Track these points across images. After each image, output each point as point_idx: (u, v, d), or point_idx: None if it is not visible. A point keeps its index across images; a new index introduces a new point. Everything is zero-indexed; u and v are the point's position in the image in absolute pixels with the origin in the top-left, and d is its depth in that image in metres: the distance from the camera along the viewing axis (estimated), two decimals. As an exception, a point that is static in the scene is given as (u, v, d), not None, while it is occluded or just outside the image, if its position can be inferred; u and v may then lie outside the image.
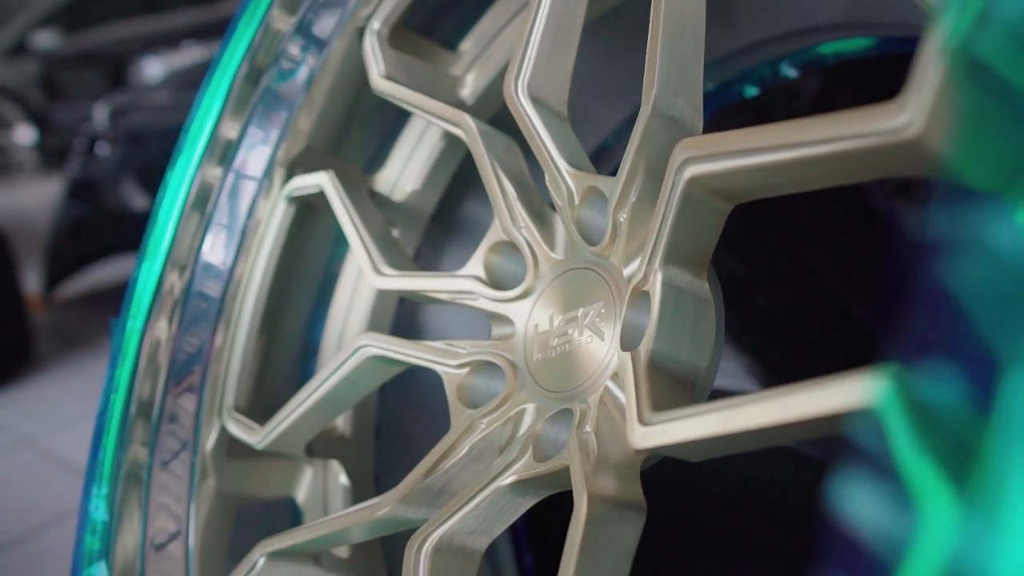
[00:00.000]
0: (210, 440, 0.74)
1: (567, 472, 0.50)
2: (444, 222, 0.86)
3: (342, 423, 0.82)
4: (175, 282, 0.76)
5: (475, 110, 0.75)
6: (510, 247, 0.64)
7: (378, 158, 0.83)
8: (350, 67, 0.76)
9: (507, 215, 0.62)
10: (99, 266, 2.98)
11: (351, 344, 0.67)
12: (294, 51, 0.75)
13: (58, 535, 1.73)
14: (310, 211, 0.79)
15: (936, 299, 0.26)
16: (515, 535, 0.91)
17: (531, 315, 0.61)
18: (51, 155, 6.13)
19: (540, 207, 0.63)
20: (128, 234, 2.60)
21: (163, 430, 0.74)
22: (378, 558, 0.78)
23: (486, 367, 0.62)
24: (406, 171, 0.82)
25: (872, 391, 0.28)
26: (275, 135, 0.76)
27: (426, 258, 0.86)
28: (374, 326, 0.82)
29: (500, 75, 0.75)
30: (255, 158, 0.77)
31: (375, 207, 0.76)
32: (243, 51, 0.75)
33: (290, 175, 0.77)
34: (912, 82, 0.32)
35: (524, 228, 0.62)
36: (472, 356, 0.62)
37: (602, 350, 0.54)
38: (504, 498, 0.55)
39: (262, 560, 0.66)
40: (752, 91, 0.80)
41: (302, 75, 0.76)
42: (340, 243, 0.83)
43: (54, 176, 5.34)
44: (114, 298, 3.13)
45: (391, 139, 0.83)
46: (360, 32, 0.74)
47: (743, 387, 1.07)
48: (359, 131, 0.82)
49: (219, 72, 0.75)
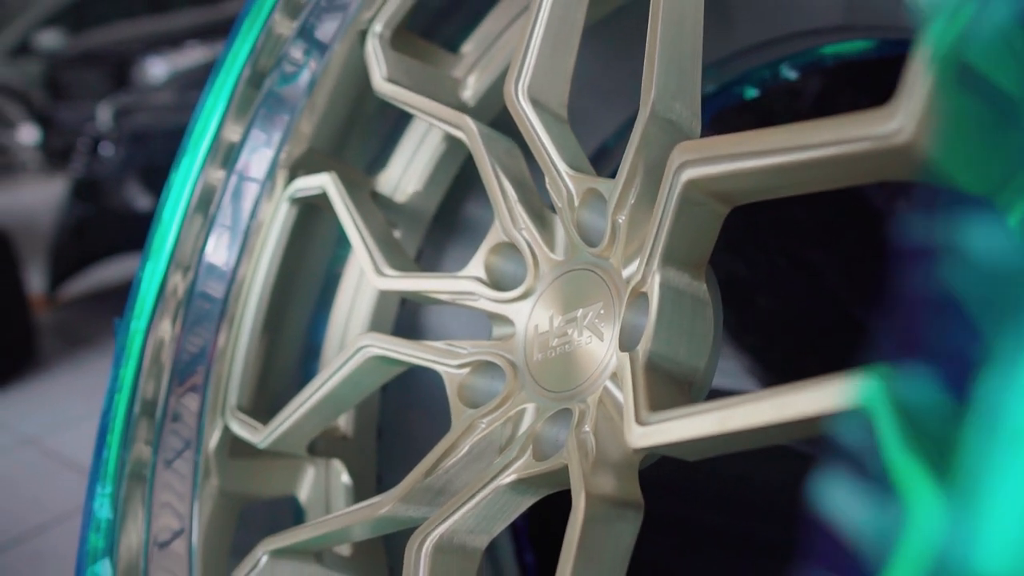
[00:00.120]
0: (213, 439, 0.74)
1: (566, 471, 0.50)
2: (446, 223, 0.86)
3: (344, 422, 0.82)
4: (179, 283, 0.76)
5: (477, 112, 0.75)
6: (511, 248, 0.64)
7: (380, 160, 0.83)
8: (352, 70, 0.76)
9: (508, 217, 0.62)
10: (102, 266, 2.99)
11: (353, 344, 0.67)
12: (296, 55, 0.75)
13: (61, 534, 1.72)
14: (312, 212, 0.79)
15: (925, 301, 0.27)
16: (516, 533, 0.91)
17: (531, 316, 0.61)
18: (55, 155, 6.14)
19: (540, 209, 0.63)
20: (131, 234, 2.60)
21: (167, 429, 0.74)
22: (380, 556, 0.78)
23: (487, 367, 0.62)
24: (408, 172, 0.82)
25: (861, 392, 0.28)
26: (278, 138, 0.76)
27: (428, 259, 0.86)
28: (376, 326, 0.83)
29: (501, 77, 0.74)
30: (258, 160, 0.77)
31: (377, 208, 0.76)
32: (246, 55, 0.75)
33: (293, 176, 0.77)
34: (903, 88, 0.33)
35: (524, 229, 0.62)
36: (473, 356, 0.62)
37: (601, 350, 0.54)
38: (504, 497, 0.55)
39: (265, 558, 0.66)
40: (752, 93, 0.81)
41: (304, 78, 0.76)
42: (342, 244, 0.83)
43: (58, 176, 5.35)
44: (117, 297, 3.14)
45: (393, 141, 0.83)
46: (362, 35, 0.74)
47: (744, 387, 1.07)
48: (361, 133, 0.82)
49: (222, 75, 0.75)
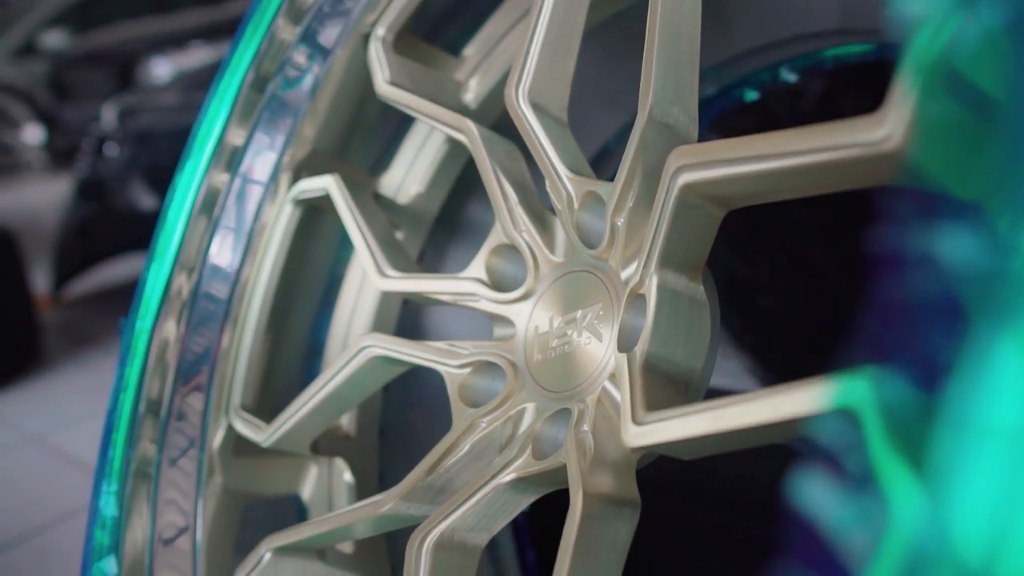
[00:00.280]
0: (217, 438, 0.75)
1: (565, 470, 0.51)
2: (447, 225, 0.87)
3: (347, 422, 0.82)
4: (183, 284, 0.77)
5: (478, 114, 0.75)
6: (511, 250, 0.64)
7: (383, 161, 0.84)
8: (354, 74, 0.76)
9: (508, 219, 0.63)
10: (107, 265, 2.99)
11: (355, 344, 0.68)
12: (300, 59, 0.76)
13: (66, 532, 1.72)
14: (315, 214, 0.79)
15: (908, 304, 0.27)
16: (517, 531, 0.91)
17: (531, 317, 0.61)
18: (59, 155, 6.15)
19: (541, 211, 0.64)
20: (136, 234, 2.61)
21: (171, 428, 0.75)
22: (381, 554, 0.78)
23: (487, 367, 0.63)
24: (410, 174, 0.83)
25: (848, 393, 0.29)
26: (281, 141, 0.77)
27: (429, 260, 0.87)
28: (378, 327, 0.83)
29: (503, 80, 0.74)
30: (261, 163, 0.77)
31: (379, 210, 0.76)
32: (249, 59, 0.75)
33: (296, 178, 0.78)
34: (891, 96, 0.33)
35: (525, 231, 0.62)
36: (474, 356, 0.63)
37: (600, 351, 0.55)
38: (504, 495, 0.55)
39: (268, 555, 0.67)
40: (752, 95, 0.81)
41: (308, 83, 0.76)
42: (345, 245, 0.83)
43: (62, 175, 5.36)
44: (122, 297, 3.15)
45: (395, 143, 0.84)
46: (365, 38, 0.74)
47: (745, 387, 1.08)
48: (364, 136, 0.82)
49: (226, 79, 0.76)
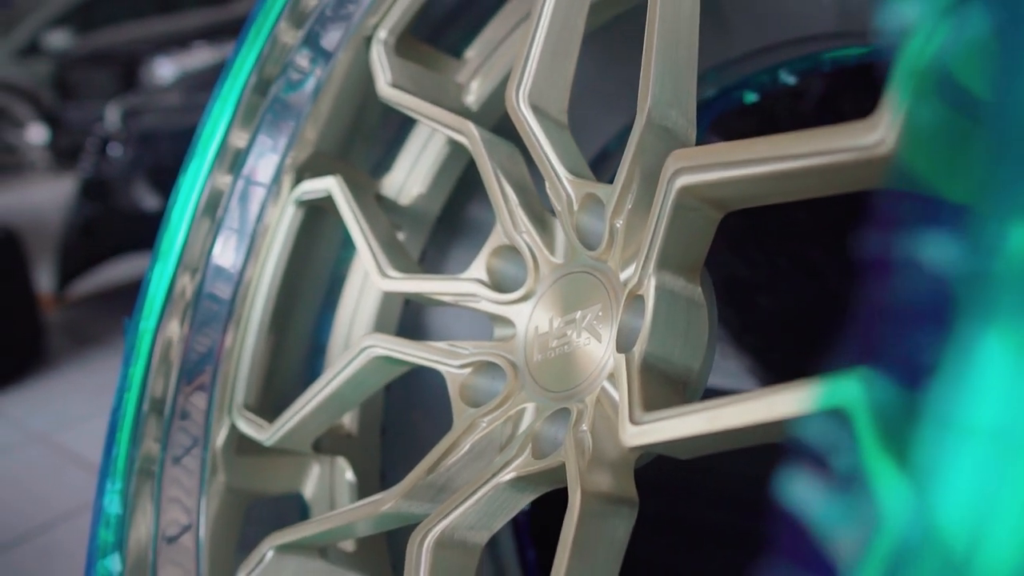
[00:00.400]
0: (220, 437, 0.75)
1: (564, 469, 0.51)
2: (449, 226, 0.87)
3: (349, 421, 0.82)
4: (187, 284, 0.77)
5: (480, 116, 0.76)
6: (512, 251, 0.65)
7: (385, 163, 0.84)
8: (356, 77, 0.77)
9: (509, 220, 0.63)
10: (110, 265, 3.00)
11: (357, 344, 0.68)
12: (302, 63, 0.76)
13: (69, 530, 1.73)
14: (318, 215, 0.80)
15: (901, 305, 0.28)
16: (518, 530, 0.92)
17: (532, 317, 0.62)
18: (63, 154, 6.17)
19: (541, 212, 0.64)
20: (139, 234, 2.62)
21: (175, 427, 0.75)
22: (382, 552, 0.79)
23: (488, 367, 0.63)
24: (412, 176, 0.83)
25: (840, 394, 0.29)
26: (283, 143, 0.77)
27: (431, 261, 0.87)
28: (380, 327, 0.83)
29: (504, 82, 0.75)
30: (264, 165, 0.78)
31: (381, 211, 0.76)
32: (252, 62, 0.75)
33: (299, 179, 0.78)
34: (884, 101, 0.34)
35: (525, 233, 0.63)
36: (474, 357, 0.63)
37: (599, 352, 0.55)
38: (504, 494, 0.56)
39: (271, 553, 0.67)
40: (752, 97, 0.82)
41: (310, 86, 0.76)
42: (347, 246, 0.84)
43: (66, 175, 5.37)
44: (125, 296, 3.16)
45: (397, 145, 0.84)
46: (367, 41, 0.74)
47: (745, 387, 1.08)
48: (365, 138, 0.82)
49: (229, 82, 0.76)
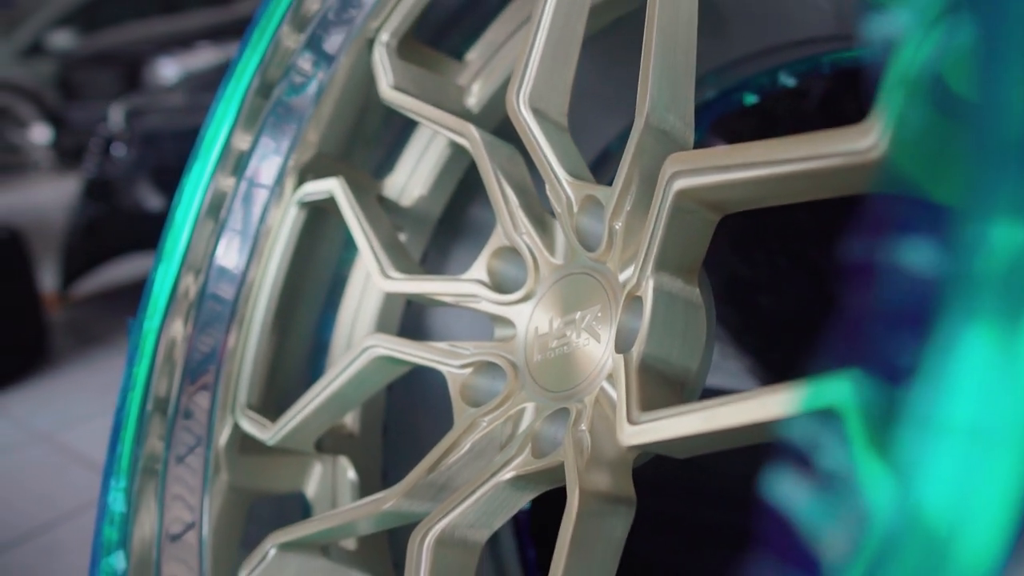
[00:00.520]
0: (223, 436, 0.75)
1: (563, 468, 0.51)
2: (450, 227, 0.87)
3: (351, 420, 0.83)
4: (190, 285, 0.77)
5: (481, 118, 0.76)
6: (512, 252, 0.65)
7: (387, 164, 0.84)
8: (358, 79, 0.77)
9: (509, 221, 0.64)
10: (114, 264, 3.01)
11: (359, 345, 0.68)
12: (305, 66, 0.77)
13: (73, 529, 1.73)
14: (320, 216, 0.80)
15: (886, 307, 0.29)
16: (518, 529, 0.92)
17: (532, 318, 0.62)
18: (66, 154, 6.18)
19: (541, 214, 0.64)
20: (143, 233, 2.63)
21: (179, 426, 0.75)
22: (384, 550, 0.79)
23: (488, 367, 0.63)
24: (413, 177, 0.83)
25: (831, 394, 0.30)
26: (286, 145, 0.77)
27: (432, 262, 0.87)
28: (382, 327, 0.83)
29: (505, 84, 0.75)
30: (267, 167, 0.78)
31: (383, 212, 0.77)
32: (254, 66, 0.76)
33: (301, 181, 0.78)
34: (876, 106, 0.34)
35: (525, 234, 0.63)
36: (475, 357, 0.63)
37: (598, 352, 0.56)
38: (504, 493, 0.56)
39: (273, 551, 0.67)
40: (751, 99, 0.82)
41: (312, 89, 0.77)
42: (349, 247, 0.84)
43: (69, 175, 5.39)
44: (128, 296, 3.16)
45: (399, 146, 0.84)
46: (370, 44, 0.75)
47: (745, 387, 1.08)
48: (367, 140, 0.83)
49: (232, 85, 0.77)
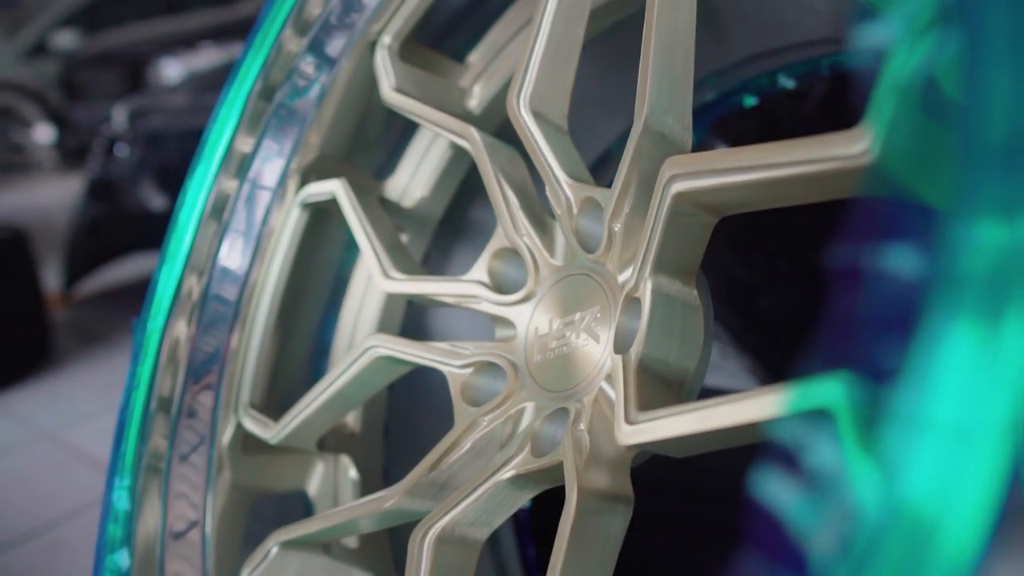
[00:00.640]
0: (226, 435, 0.76)
1: (562, 467, 0.52)
2: (451, 228, 0.88)
3: (352, 420, 0.83)
4: (194, 286, 0.78)
5: (482, 120, 0.77)
6: (512, 253, 0.65)
7: (388, 166, 0.85)
8: (360, 82, 0.78)
9: (510, 223, 0.64)
10: (117, 264, 3.02)
11: (361, 345, 0.69)
12: (307, 69, 0.77)
13: (77, 527, 1.74)
14: (322, 217, 0.81)
15: (874, 309, 0.29)
16: (519, 528, 0.93)
17: (532, 318, 0.62)
18: (70, 154, 6.20)
19: (541, 215, 0.65)
20: (146, 233, 2.63)
21: (182, 425, 0.76)
22: (385, 548, 0.79)
23: (489, 367, 0.64)
24: (415, 179, 0.84)
25: (824, 395, 0.31)
26: (288, 148, 0.78)
27: (433, 262, 0.88)
28: (383, 328, 0.84)
29: (506, 86, 0.75)
30: (270, 169, 0.78)
31: (385, 213, 0.77)
32: (257, 69, 0.76)
33: (304, 182, 0.79)
34: (868, 112, 0.35)
35: (526, 235, 0.63)
36: (475, 357, 0.64)
37: (597, 352, 0.56)
38: (503, 491, 0.57)
39: (275, 549, 0.68)
40: (751, 100, 0.83)
41: (315, 92, 0.77)
42: (351, 248, 0.84)
43: (73, 175, 5.40)
44: (132, 296, 3.17)
45: (400, 148, 0.85)
46: (371, 46, 0.75)
47: (745, 387, 1.09)
48: (369, 142, 0.83)
49: (234, 88, 0.77)
